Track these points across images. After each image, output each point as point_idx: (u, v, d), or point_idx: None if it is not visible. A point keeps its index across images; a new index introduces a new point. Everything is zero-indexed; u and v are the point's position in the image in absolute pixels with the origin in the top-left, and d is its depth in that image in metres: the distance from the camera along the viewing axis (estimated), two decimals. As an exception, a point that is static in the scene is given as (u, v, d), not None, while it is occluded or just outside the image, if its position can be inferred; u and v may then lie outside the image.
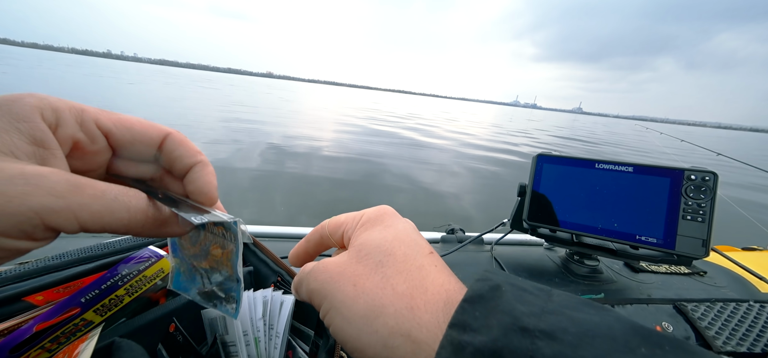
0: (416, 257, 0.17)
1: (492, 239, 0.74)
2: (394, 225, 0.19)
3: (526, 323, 0.12)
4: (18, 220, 0.12)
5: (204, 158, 0.20)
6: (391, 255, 0.17)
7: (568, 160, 0.57)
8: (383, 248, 0.17)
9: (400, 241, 0.18)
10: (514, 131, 11.52)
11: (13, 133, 0.13)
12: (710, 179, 0.47)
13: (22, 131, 0.14)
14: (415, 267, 0.17)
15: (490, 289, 0.14)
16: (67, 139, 0.15)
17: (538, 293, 0.14)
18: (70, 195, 0.13)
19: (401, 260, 0.17)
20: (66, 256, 0.29)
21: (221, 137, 5.21)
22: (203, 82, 27.09)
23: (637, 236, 0.51)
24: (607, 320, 0.12)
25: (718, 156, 2.10)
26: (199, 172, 0.19)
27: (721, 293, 0.59)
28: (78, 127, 0.16)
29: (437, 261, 0.18)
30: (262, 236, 0.71)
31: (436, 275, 0.17)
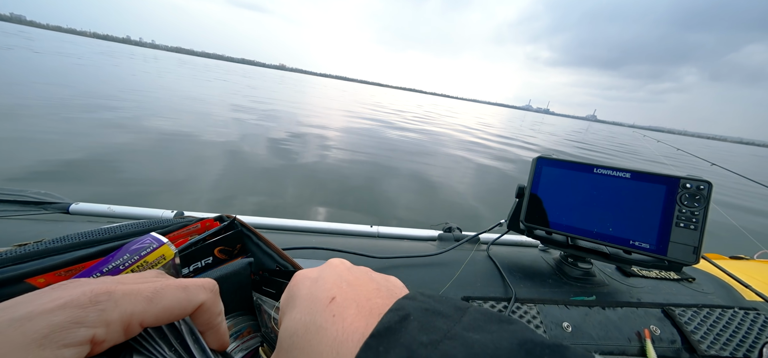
0: (314, 320, 0.17)
1: (488, 238, 0.75)
2: (299, 296, 0.19)
3: (420, 355, 0.12)
4: None
5: (222, 322, 0.21)
6: (295, 335, 0.17)
7: (567, 164, 0.58)
8: (289, 331, 0.18)
9: (302, 311, 0.18)
10: (506, 138, 11.56)
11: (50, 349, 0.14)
12: (705, 187, 0.48)
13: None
14: (313, 333, 0.16)
15: (399, 320, 0.14)
16: (105, 347, 0.16)
17: (452, 313, 0.15)
18: None
19: (302, 335, 0.17)
20: (67, 240, 0.29)
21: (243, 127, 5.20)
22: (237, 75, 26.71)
23: (631, 241, 0.52)
24: (498, 337, 0.13)
25: (712, 166, 2.13)
26: (217, 331, 0.21)
27: (708, 300, 0.61)
28: (122, 335, 0.16)
29: (336, 307, 0.17)
30: (266, 227, 0.71)
31: (330, 331, 0.16)
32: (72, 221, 0.61)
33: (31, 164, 2.70)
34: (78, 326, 0.15)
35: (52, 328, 0.14)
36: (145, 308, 0.17)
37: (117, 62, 17.42)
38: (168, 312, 0.18)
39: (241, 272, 0.30)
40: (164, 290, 0.18)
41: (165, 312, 0.18)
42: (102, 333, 0.15)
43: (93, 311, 0.15)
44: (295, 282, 0.21)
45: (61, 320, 0.14)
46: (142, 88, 8.43)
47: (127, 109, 5.38)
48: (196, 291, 0.20)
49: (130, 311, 0.17)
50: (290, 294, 0.20)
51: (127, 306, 0.16)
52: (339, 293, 0.18)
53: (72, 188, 2.50)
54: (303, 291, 0.19)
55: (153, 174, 2.89)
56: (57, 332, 0.14)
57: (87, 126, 4.04)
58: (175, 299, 0.19)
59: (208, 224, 0.34)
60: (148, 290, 0.18)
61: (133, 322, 0.17)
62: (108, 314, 0.16)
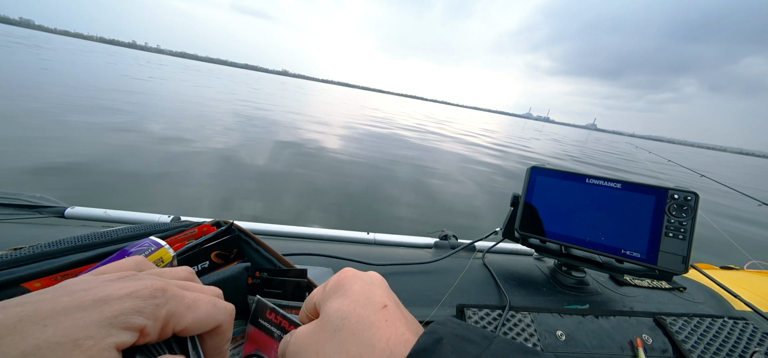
0: (368, 316, 0.19)
1: (484, 246, 0.76)
2: (351, 289, 0.21)
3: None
4: None
5: (228, 348, 0.23)
6: (347, 319, 0.19)
7: (560, 174, 0.59)
8: (340, 313, 0.19)
9: (356, 303, 0.20)
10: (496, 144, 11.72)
11: (110, 340, 0.15)
12: (692, 198, 0.50)
13: (118, 339, 0.16)
14: (366, 326, 0.18)
15: (433, 342, 0.16)
16: (148, 339, 0.18)
17: (480, 341, 0.16)
18: None
19: (355, 322, 0.19)
20: (63, 243, 0.29)
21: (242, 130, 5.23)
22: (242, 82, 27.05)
23: (623, 250, 0.53)
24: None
25: (701, 177, 2.18)
26: (223, 355, 0.22)
27: (699, 309, 0.62)
28: (159, 332, 0.18)
29: (389, 314, 0.19)
30: (262, 233, 0.71)
31: (384, 331, 0.18)
32: (67, 225, 0.60)
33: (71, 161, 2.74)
34: (138, 314, 0.17)
35: (121, 312, 0.16)
36: (183, 313, 0.19)
37: (129, 69, 17.40)
38: (197, 323, 0.20)
39: (238, 277, 0.31)
40: (200, 301, 0.20)
41: (195, 323, 0.19)
42: (150, 326, 0.17)
43: (150, 305, 0.17)
44: (347, 276, 0.22)
45: (127, 307, 0.16)
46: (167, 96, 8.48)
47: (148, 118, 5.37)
48: (222, 311, 0.21)
49: (173, 313, 0.18)
50: (340, 284, 0.22)
51: (172, 307, 0.18)
52: (389, 303, 0.20)
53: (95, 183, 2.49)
54: (356, 287, 0.21)
55: (161, 177, 2.86)
56: (124, 316, 0.16)
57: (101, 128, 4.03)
58: (205, 313, 0.20)
59: (205, 229, 0.35)
60: (190, 298, 0.20)
61: (170, 324, 0.18)
62: (159, 311, 0.18)
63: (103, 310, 0.16)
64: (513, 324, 0.51)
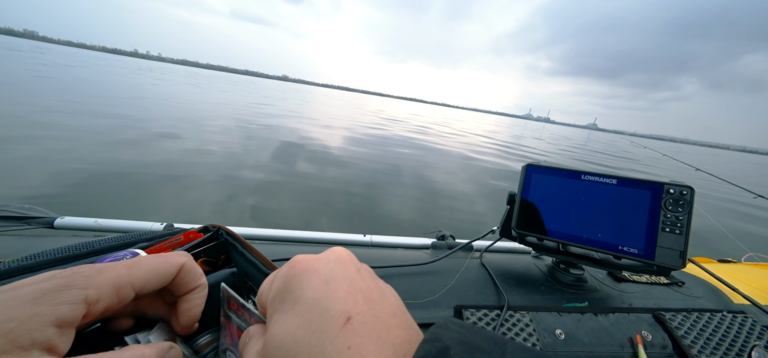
0: (324, 349, 0.14)
1: (481, 246, 0.75)
2: (302, 296, 0.16)
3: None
4: None
5: (204, 281, 0.24)
6: (290, 356, 0.14)
7: (556, 171, 0.59)
8: (285, 349, 0.14)
9: (308, 326, 0.14)
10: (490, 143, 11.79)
11: (42, 317, 0.16)
12: (687, 193, 0.49)
13: (55, 315, 0.16)
14: (332, 341, 0.14)
15: (438, 352, 0.13)
16: (102, 309, 0.18)
17: (492, 349, 0.13)
18: None
19: (317, 339, 0.14)
20: (41, 256, 0.28)
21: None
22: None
23: (620, 247, 0.52)
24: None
25: (696, 171, 2.19)
26: (197, 295, 0.23)
27: (698, 303, 0.62)
28: (115, 295, 0.18)
29: (355, 333, 0.14)
30: (256, 237, 0.70)
31: (365, 346, 0.14)
32: (56, 235, 0.59)
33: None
34: (66, 288, 0.17)
35: (43, 292, 0.16)
36: (128, 272, 0.19)
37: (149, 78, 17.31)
38: (153, 274, 0.20)
39: (223, 283, 0.30)
40: (140, 260, 0.20)
41: (150, 274, 0.20)
42: (94, 294, 0.17)
43: (78, 278, 0.17)
44: (297, 273, 0.17)
45: (49, 286, 0.16)
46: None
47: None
48: (172, 256, 0.22)
49: (116, 275, 0.19)
50: (287, 287, 0.17)
51: (110, 273, 0.19)
52: (355, 312, 0.15)
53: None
54: (308, 292, 0.16)
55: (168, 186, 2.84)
56: (48, 294, 0.16)
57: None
58: (154, 264, 0.20)
59: (191, 236, 0.34)
60: (125, 262, 0.20)
61: (123, 284, 0.19)
62: (93, 279, 0.18)
63: (17, 294, 0.16)
64: (512, 324, 0.50)
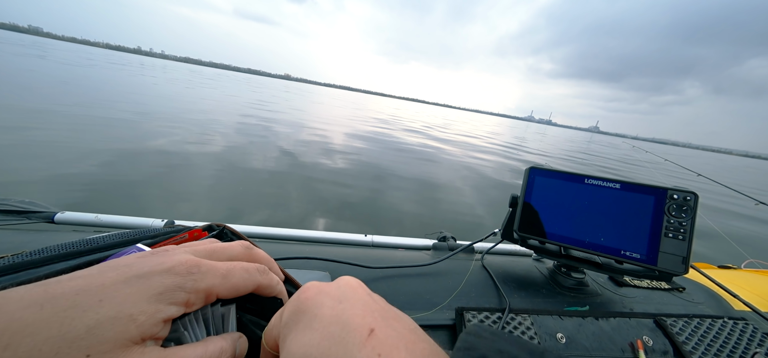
0: (352, 355, 0.14)
1: (482, 248, 0.75)
2: (318, 314, 0.16)
3: None
4: None
5: (278, 285, 0.25)
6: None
7: (559, 175, 0.58)
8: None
9: (330, 338, 0.15)
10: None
11: (160, 313, 0.17)
12: (691, 198, 0.49)
13: (165, 314, 0.17)
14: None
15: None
16: (195, 307, 0.19)
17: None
18: None
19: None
20: (46, 251, 0.27)
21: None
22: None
23: (622, 251, 0.52)
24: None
25: (698, 176, 2.19)
26: (276, 292, 0.24)
27: (699, 309, 0.61)
28: (203, 302, 0.20)
29: (381, 344, 0.14)
30: (258, 236, 0.70)
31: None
32: (57, 231, 0.59)
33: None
34: (180, 289, 0.18)
35: (165, 287, 0.17)
36: (221, 282, 0.20)
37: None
38: (235, 289, 0.21)
39: None
40: (234, 269, 0.21)
41: (234, 288, 0.21)
42: (193, 299, 0.18)
43: (189, 280, 0.18)
44: (309, 296, 0.18)
45: (169, 283, 0.17)
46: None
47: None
48: (255, 274, 0.23)
49: (211, 284, 0.19)
50: (301, 308, 0.17)
51: (210, 280, 0.19)
52: (376, 325, 0.15)
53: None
54: (325, 311, 0.16)
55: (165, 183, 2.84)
56: (169, 292, 0.17)
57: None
58: (241, 279, 0.21)
59: (196, 234, 0.34)
60: (223, 268, 0.21)
61: (213, 293, 0.20)
62: (198, 284, 0.19)
63: (149, 285, 0.17)
64: (513, 327, 0.50)
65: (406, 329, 0.16)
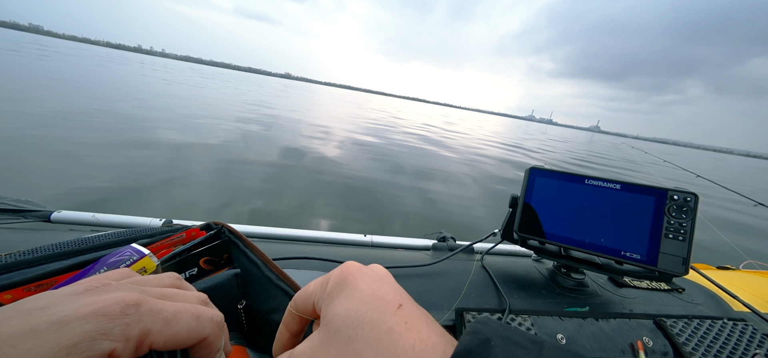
0: (384, 321, 0.17)
1: (482, 248, 0.75)
2: (358, 287, 0.19)
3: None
4: None
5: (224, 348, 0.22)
6: (359, 327, 0.16)
7: (560, 175, 0.58)
8: (350, 321, 0.17)
9: (367, 305, 0.17)
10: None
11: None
12: (691, 199, 0.49)
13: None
14: (385, 333, 0.16)
15: (480, 343, 0.14)
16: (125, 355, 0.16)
17: (530, 346, 0.14)
18: None
19: (369, 330, 0.16)
20: (39, 251, 0.27)
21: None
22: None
23: (622, 252, 0.52)
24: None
25: (697, 177, 2.19)
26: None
27: (698, 310, 0.61)
28: (134, 351, 0.16)
29: (408, 315, 0.17)
30: (257, 236, 0.70)
31: (406, 337, 0.16)
32: (53, 230, 0.58)
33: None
34: (104, 337, 0.15)
35: (83, 336, 0.14)
36: (161, 329, 0.17)
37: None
38: (176, 338, 0.18)
39: (226, 284, 0.29)
40: (181, 314, 0.19)
41: (174, 338, 0.18)
42: (120, 348, 0.16)
43: (119, 324, 0.15)
44: (350, 272, 0.20)
45: (91, 330, 0.14)
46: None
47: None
48: (206, 323, 0.20)
49: (149, 330, 0.17)
50: (343, 281, 0.19)
51: (148, 324, 0.17)
52: (404, 302, 0.18)
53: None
54: (363, 284, 0.19)
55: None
56: (86, 341, 0.14)
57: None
58: (186, 327, 0.19)
59: (193, 234, 0.33)
60: (169, 311, 0.18)
61: (147, 341, 0.17)
62: (130, 330, 0.16)
63: (61, 335, 0.14)
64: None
65: (426, 314, 0.18)
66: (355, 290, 0.18)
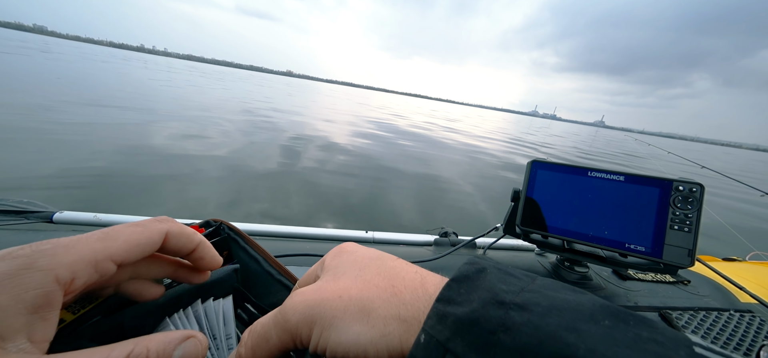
0: (387, 261, 0.19)
1: (485, 243, 0.74)
2: (355, 252, 0.20)
3: (503, 298, 0.13)
4: None
5: (202, 238, 0.24)
6: (366, 267, 0.19)
7: (562, 168, 0.57)
8: (357, 264, 0.19)
9: (369, 257, 0.20)
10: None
11: (8, 308, 0.14)
12: (697, 190, 0.48)
13: (23, 302, 0.15)
14: (389, 267, 0.18)
15: (477, 271, 0.16)
16: (81, 285, 0.17)
17: (523, 277, 0.15)
18: None
19: (375, 265, 0.18)
20: None
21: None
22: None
23: (627, 244, 0.51)
24: (580, 298, 0.13)
25: (702, 169, 2.17)
26: (202, 251, 0.23)
27: (704, 302, 0.61)
28: (93, 271, 0.17)
29: (406, 262, 0.19)
30: (258, 233, 0.70)
31: (408, 268, 0.19)
32: (55, 230, 0.58)
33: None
34: (28, 270, 0.15)
35: (2, 276, 0.14)
36: (103, 246, 0.18)
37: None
38: (133, 245, 0.19)
39: (226, 280, 0.29)
40: (114, 229, 0.19)
41: (129, 245, 0.19)
42: (65, 274, 0.16)
43: (39, 256, 0.16)
44: (347, 249, 0.21)
45: (5, 268, 0.15)
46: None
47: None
48: (152, 223, 0.21)
49: (91, 251, 0.17)
50: (342, 250, 0.21)
51: (82, 248, 0.17)
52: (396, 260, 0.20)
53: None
54: (360, 251, 0.20)
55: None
56: (7, 279, 0.14)
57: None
58: (132, 233, 0.19)
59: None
60: (97, 233, 0.18)
61: (99, 259, 0.17)
62: (61, 258, 0.16)
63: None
64: None
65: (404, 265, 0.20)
66: (354, 252, 0.20)
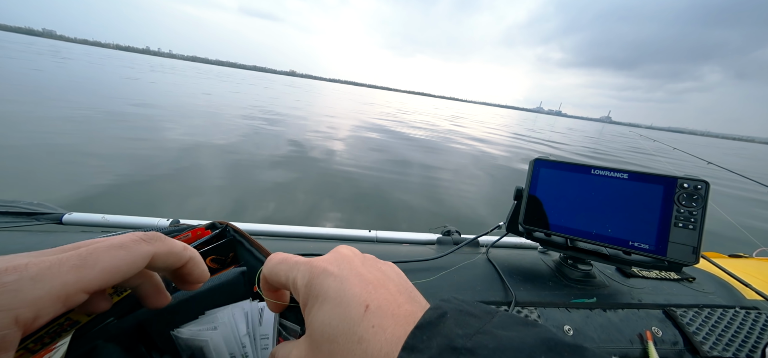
0: (354, 331, 0.17)
1: (487, 241, 0.74)
2: (327, 291, 0.19)
3: (456, 344, 0.14)
4: None
5: (193, 255, 0.23)
6: (334, 342, 0.17)
7: (565, 166, 0.57)
8: (327, 336, 0.18)
9: (337, 317, 0.18)
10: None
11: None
12: (702, 187, 0.48)
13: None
14: (356, 342, 0.17)
15: (438, 316, 0.16)
16: (45, 322, 0.15)
17: (482, 315, 0.16)
18: None
19: (343, 343, 0.17)
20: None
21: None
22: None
23: (630, 242, 0.51)
24: (524, 335, 0.14)
25: (708, 165, 2.14)
26: (193, 264, 0.23)
27: (709, 299, 0.60)
28: (62, 306, 0.16)
29: (374, 317, 0.17)
30: (262, 234, 0.71)
31: (374, 342, 0.17)
32: (65, 232, 0.60)
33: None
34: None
35: None
36: (77, 276, 0.16)
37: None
38: (112, 273, 0.17)
39: (233, 283, 0.30)
40: (94, 253, 0.17)
41: (107, 273, 0.17)
42: (27, 314, 0.14)
43: (1, 295, 0.14)
44: (316, 276, 0.20)
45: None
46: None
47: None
48: (136, 246, 0.19)
49: (61, 284, 0.15)
50: (313, 291, 0.20)
51: (51, 281, 0.15)
52: (370, 300, 0.18)
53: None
54: (331, 292, 0.19)
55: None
56: None
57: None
58: (113, 258, 0.17)
59: (199, 233, 0.34)
60: (73, 258, 0.16)
61: (71, 292, 0.16)
62: (25, 295, 0.14)
63: None
64: None
65: (393, 292, 0.19)
66: (324, 300, 0.19)
